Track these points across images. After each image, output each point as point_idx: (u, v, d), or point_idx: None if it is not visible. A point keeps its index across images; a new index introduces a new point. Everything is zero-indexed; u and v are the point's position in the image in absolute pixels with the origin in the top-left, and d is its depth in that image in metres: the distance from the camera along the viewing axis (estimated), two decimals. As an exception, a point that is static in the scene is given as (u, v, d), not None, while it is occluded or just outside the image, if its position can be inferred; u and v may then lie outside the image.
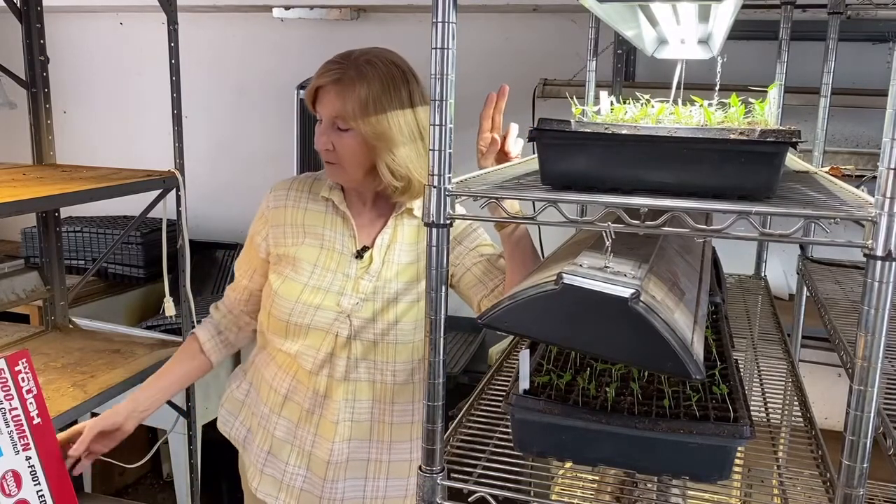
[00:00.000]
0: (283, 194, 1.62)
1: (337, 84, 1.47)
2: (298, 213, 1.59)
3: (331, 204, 1.58)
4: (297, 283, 1.54)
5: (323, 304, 1.52)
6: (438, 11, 0.93)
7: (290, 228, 1.59)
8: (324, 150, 1.51)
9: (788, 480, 1.11)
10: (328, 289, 1.53)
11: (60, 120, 2.61)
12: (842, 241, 0.89)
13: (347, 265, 1.55)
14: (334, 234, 1.57)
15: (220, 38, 3.81)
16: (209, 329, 1.72)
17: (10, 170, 2.28)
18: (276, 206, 1.61)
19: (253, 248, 1.65)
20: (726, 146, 0.95)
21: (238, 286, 1.72)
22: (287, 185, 1.63)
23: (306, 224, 1.58)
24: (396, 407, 1.57)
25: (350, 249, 1.56)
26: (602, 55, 2.07)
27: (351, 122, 1.45)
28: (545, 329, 1.00)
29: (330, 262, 1.55)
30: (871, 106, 2.75)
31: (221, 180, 3.74)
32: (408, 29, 3.41)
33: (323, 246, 1.56)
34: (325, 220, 1.58)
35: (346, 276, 1.54)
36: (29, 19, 2.39)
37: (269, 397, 1.60)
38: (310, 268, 1.55)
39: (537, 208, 0.98)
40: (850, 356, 1.27)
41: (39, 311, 2.92)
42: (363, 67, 1.46)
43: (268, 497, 1.60)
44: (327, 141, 1.49)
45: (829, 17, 2.03)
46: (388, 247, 1.56)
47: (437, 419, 1.05)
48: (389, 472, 1.58)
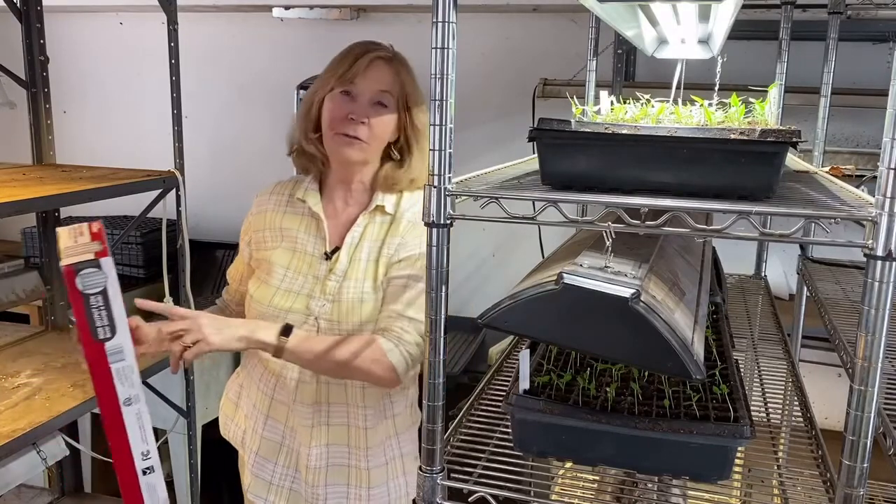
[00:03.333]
0: (265, 199, 1.62)
1: (392, 61, 1.50)
2: (277, 217, 1.59)
3: (307, 206, 1.56)
4: (270, 287, 1.53)
5: (293, 307, 1.50)
6: (438, 11, 0.93)
7: (269, 233, 1.58)
8: (358, 124, 1.47)
9: (788, 480, 1.11)
10: (298, 292, 1.52)
11: (60, 120, 2.61)
12: (842, 241, 0.89)
13: (317, 267, 1.53)
14: (307, 237, 1.56)
15: (220, 38, 3.80)
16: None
17: (9, 170, 2.28)
18: (259, 212, 1.62)
19: (241, 255, 1.67)
20: (726, 146, 0.95)
21: (230, 289, 1.75)
22: (270, 190, 1.64)
23: (284, 227, 1.58)
24: (369, 411, 1.54)
25: (320, 251, 1.54)
26: (602, 55, 2.07)
27: (405, 99, 1.49)
28: (545, 329, 1.00)
29: (301, 265, 1.54)
30: (871, 106, 2.75)
31: (221, 180, 3.74)
32: (408, 29, 3.40)
33: (296, 249, 1.55)
34: (300, 222, 1.57)
35: (315, 279, 1.52)
36: (29, 19, 2.39)
37: (258, 399, 1.59)
38: (282, 271, 1.54)
39: (537, 208, 0.98)
40: (850, 356, 1.27)
41: (39, 311, 2.92)
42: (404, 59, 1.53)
43: (257, 499, 1.60)
44: (365, 114, 1.47)
45: (829, 17, 2.03)
46: (357, 245, 1.53)
47: (437, 419, 1.05)
48: (371, 480, 1.55)
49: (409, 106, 1.51)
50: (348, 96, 1.49)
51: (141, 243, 3.43)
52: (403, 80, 1.51)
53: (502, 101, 3.35)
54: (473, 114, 3.31)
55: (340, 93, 1.49)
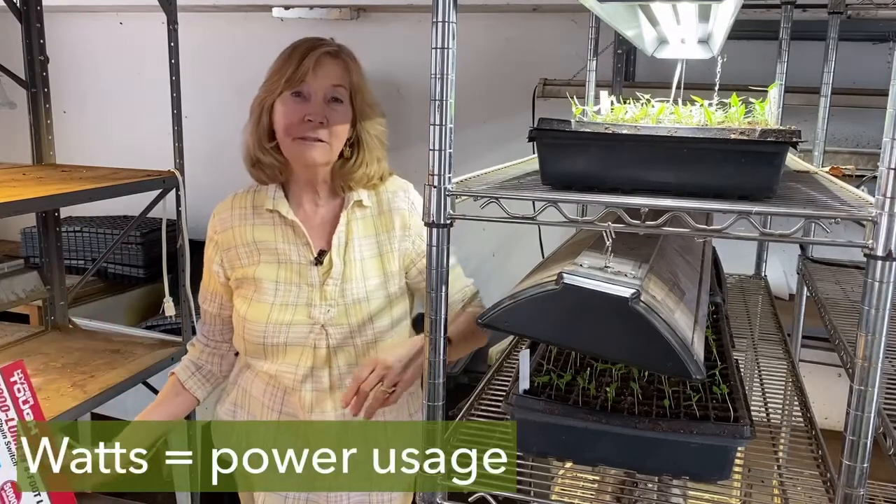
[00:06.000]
0: (227, 216, 1.55)
1: (338, 55, 1.47)
2: (246, 231, 1.52)
3: (277, 215, 1.51)
4: (264, 304, 1.48)
5: (294, 319, 1.47)
6: (438, 11, 0.93)
7: (242, 249, 1.52)
8: (316, 125, 1.42)
9: (788, 480, 1.11)
10: (296, 303, 1.47)
11: (60, 120, 2.61)
12: (842, 241, 0.89)
13: (309, 274, 1.48)
14: (288, 246, 1.50)
15: (220, 38, 3.80)
16: (188, 367, 1.65)
17: (9, 170, 2.28)
18: (223, 230, 1.54)
19: (212, 277, 1.58)
20: (727, 146, 0.95)
21: (207, 317, 1.64)
22: (229, 206, 1.57)
23: (258, 241, 1.51)
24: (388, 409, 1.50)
25: (307, 257, 1.49)
26: (602, 55, 2.07)
27: (353, 91, 1.47)
28: (545, 329, 1.00)
29: (291, 276, 1.49)
30: (871, 106, 2.75)
31: (221, 180, 3.73)
32: (408, 29, 3.41)
33: (280, 261, 1.50)
34: (275, 233, 1.51)
35: (310, 286, 1.48)
36: (29, 19, 2.39)
37: (264, 414, 1.55)
38: (273, 286, 1.48)
39: (537, 208, 0.98)
40: (850, 356, 1.27)
41: (39, 311, 2.92)
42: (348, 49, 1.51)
43: None
44: (321, 114, 1.43)
45: (829, 17, 2.03)
46: (346, 245, 1.50)
47: (437, 419, 1.05)
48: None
49: (358, 99, 1.48)
50: (300, 97, 1.44)
51: (141, 243, 3.43)
52: (352, 72, 1.48)
53: (502, 101, 3.35)
54: (473, 114, 3.31)
55: (291, 94, 1.44)
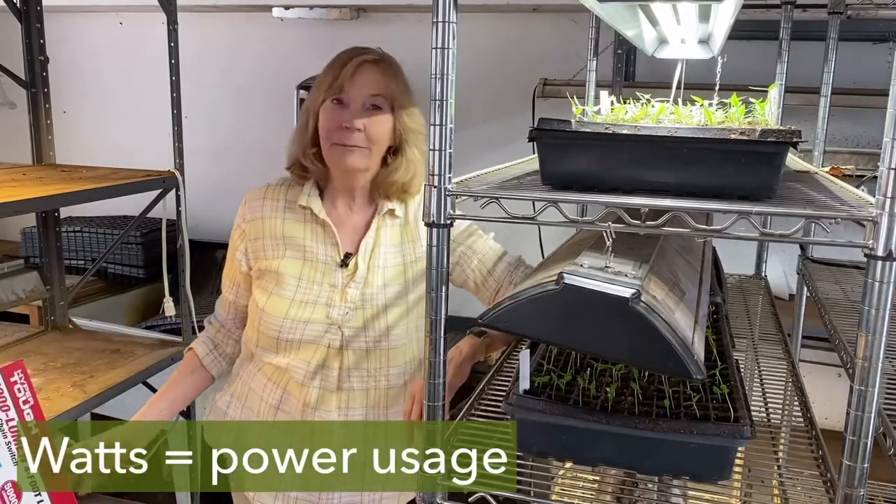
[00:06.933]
0: (258, 205, 1.55)
1: (380, 63, 1.47)
2: (276, 224, 1.53)
3: (309, 213, 1.52)
4: (284, 299, 1.48)
5: (312, 317, 1.47)
6: (438, 11, 0.93)
7: (269, 241, 1.52)
8: (354, 132, 1.44)
9: (788, 480, 1.11)
10: (315, 301, 1.48)
11: (60, 120, 2.61)
12: (842, 241, 0.89)
13: (333, 275, 1.49)
14: (316, 245, 1.51)
15: (220, 38, 3.80)
16: (206, 343, 1.66)
17: (9, 170, 2.28)
18: (253, 219, 1.54)
19: (234, 264, 1.59)
20: (727, 146, 0.95)
21: (225, 302, 1.65)
22: (262, 195, 1.56)
23: (286, 235, 1.52)
24: (391, 412, 1.53)
25: (334, 258, 1.50)
26: (602, 55, 2.07)
27: (393, 101, 1.47)
28: (545, 329, 1.00)
29: (315, 274, 1.49)
30: (871, 106, 2.75)
31: (221, 180, 3.73)
32: (408, 29, 3.40)
33: (305, 258, 1.50)
34: (304, 229, 1.52)
35: (332, 287, 1.48)
36: (29, 19, 2.39)
37: (261, 409, 1.55)
38: (294, 282, 1.49)
39: (537, 208, 0.98)
40: (850, 356, 1.27)
41: (39, 311, 2.92)
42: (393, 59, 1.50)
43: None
44: (358, 120, 1.44)
45: (829, 17, 2.03)
46: (373, 251, 1.51)
47: (437, 419, 1.05)
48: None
49: (399, 108, 1.48)
50: (340, 104, 1.46)
51: (141, 243, 3.44)
52: (393, 81, 1.48)
53: (502, 101, 3.35)
54: (473, 114, 3.31)
55: (332, 102, 1.46)
